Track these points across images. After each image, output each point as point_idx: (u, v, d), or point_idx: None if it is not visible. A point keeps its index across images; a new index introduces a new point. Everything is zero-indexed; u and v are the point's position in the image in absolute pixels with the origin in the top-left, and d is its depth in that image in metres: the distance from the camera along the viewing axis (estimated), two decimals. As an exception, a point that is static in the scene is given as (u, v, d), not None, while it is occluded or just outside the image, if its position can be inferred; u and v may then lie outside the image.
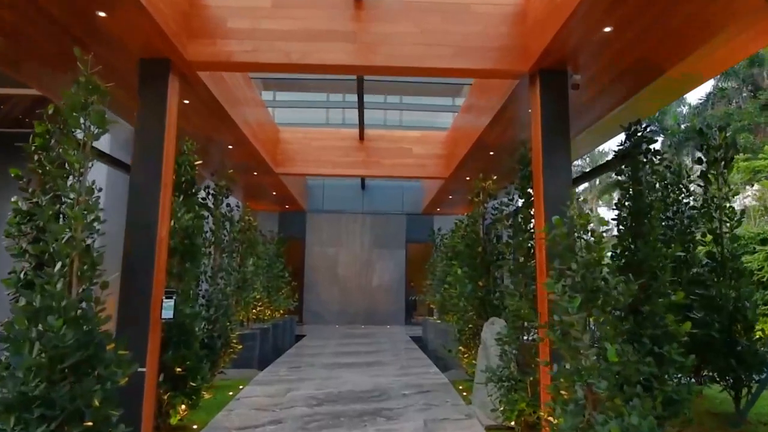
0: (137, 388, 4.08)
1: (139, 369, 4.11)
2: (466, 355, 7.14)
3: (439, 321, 11.64)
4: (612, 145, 53.04)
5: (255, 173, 9.40)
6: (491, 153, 7.71)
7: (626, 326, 3.61)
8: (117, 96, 5.44)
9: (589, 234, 3.61)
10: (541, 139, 4.49)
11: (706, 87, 28.42)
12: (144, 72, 4.59)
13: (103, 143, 8.87)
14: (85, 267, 3.32)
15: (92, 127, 3.46)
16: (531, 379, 4.46)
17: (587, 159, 32.03)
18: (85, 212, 3.35)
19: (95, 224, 3.43)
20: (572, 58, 4.50)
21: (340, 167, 9.57)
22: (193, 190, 5.22)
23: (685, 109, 28.20)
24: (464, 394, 6.63)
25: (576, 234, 3.63)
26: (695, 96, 43.48)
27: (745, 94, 25.37)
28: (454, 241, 8.92)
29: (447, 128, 10.05)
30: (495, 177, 7.21)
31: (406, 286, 17.60)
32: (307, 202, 15.18)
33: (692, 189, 6.35)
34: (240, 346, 7.19)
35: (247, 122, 7.33)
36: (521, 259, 4.93)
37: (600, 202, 37.67)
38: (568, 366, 3.40)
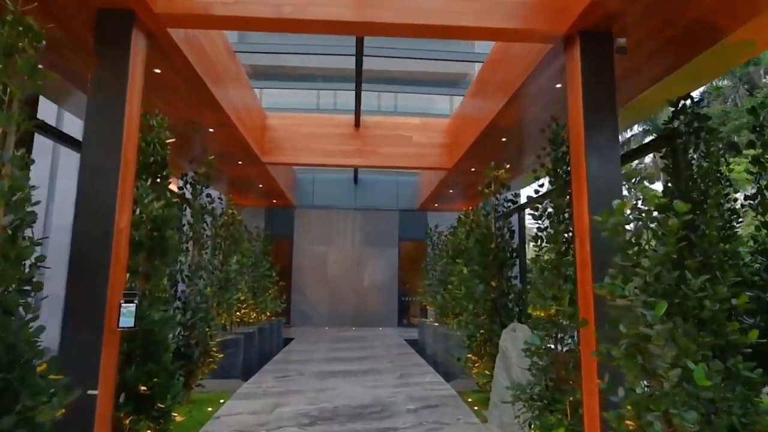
0: (86, 414, 3.25)
1: (89, 392, 3.29)
2: (476, 365, 6.39)
3: (437, 324, 10.91)
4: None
5: (240, 162, 8.54)
6: (503, 139, 6.97)
7: (707, 339, 2.88)
8: (73, 64, 4.60)
9: (656, 223, 2.88)
10: (582, 113, 3.75)
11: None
12: (101, 25, 3.75)
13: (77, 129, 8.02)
14: (7, 262, 2.50)
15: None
16: (571, 398, 3.72)
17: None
18: (10, 189, 2.54)
19: (26, 206, 2.61)
20: (619, 17, 3.77)
21: (333, 156, 8.75)
22: (164, 174, 4.38)
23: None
24: (475, 408, 5.89)
25: (639, 223, 2.90)
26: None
27: (741, 93, 25.09)
28: (458, 237, 8.18)
29: (446, 115, 9.30)
30: (508, 165, 6.46)
31: (398, 286, 16.87)
32: (295, 196, 14.32)
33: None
34: (221, 355, 6.36)
35: (232, 103, 6.50)
36: (553, 256, 4.18)
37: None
38: (637, 390, 2.67)
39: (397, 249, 16.90)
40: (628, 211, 2.94)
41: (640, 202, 2.98)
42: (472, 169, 8.59)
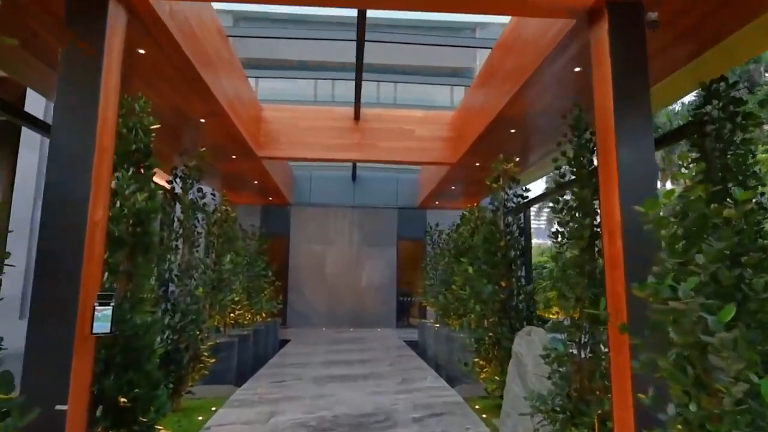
0: (55, 433, 2.86)
1: (58, 407, 2.90)
2: (485, 370, 6.02)
3: (437, 325, 10.54)
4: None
5: (234, 156, 8.13)
6: (512, 131, 6.59)
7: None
8: (43, 37, 4.20)
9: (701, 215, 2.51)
10: (611, 94, 3.37)
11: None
12: (74, -5, 3.35)
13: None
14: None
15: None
16: (600, 411, 3.34)
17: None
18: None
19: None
20: (651, -14, 3.41)
21: (332, 150, 8.34)
22: (148, 163, 3.98)
23: (677, 107, 27.62)
24: (484, 416, 5.52)
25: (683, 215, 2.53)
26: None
27: (741, 90, 24.81)
28: (463, 235, 7.80)
29: (448, 107, 8.89)
30: (517, 159, 6.09)
31: (397, 286, 16.51)
32: (292, 194, 13.91)
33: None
34: (212, 360, 5.96)
35: (224, 91, 6.10)
36: (576, 253, 3.81)
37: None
38: (691, 407, 2.30)
39: (395, 248, 16.54)
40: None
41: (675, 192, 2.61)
42: (477, 164, 8.21)
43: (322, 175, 14.28)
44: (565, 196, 4.03)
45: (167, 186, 5.90)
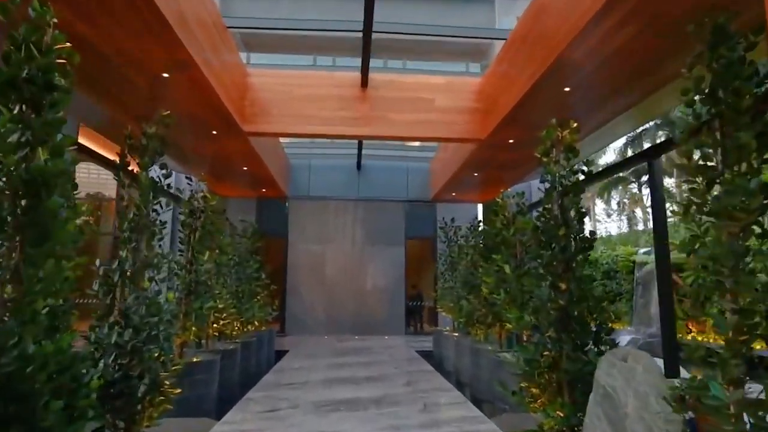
0: None
1: None
2: (539, 400, 4.58)
3: (456, 335, 9.11)
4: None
5: (214, 132, 6.71)
6: (566, 89, 5.16)
7: None
8: None
9: None
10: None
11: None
12: None
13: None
14: None
15: None
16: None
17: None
18: None
19: None
20: None
21: (334, 124, 6.91)
22: (51, 100, 2.56)
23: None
24: (543, 465, 4.08)
25: None
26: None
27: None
28: (495, 227, 6.37)
29: (461, 73, 7.43)
30: (575, 124, 4.65)
31: (405, 289, 15.11)
32: (289, 185, 12.45)
33: None
34: (177, 390, 4.52)
35: (197, 39, 4.69)
36: (722, 238, 2.37)
37: (597, 200, 35.11)
38: None
39: (403, 248, 15.13)
40: None
41: None
42: (510, 141, 6.80)
43: (322, 164, 12.77)
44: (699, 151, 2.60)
45: (118, 159, 4.47)
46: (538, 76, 4.95)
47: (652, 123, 23.61)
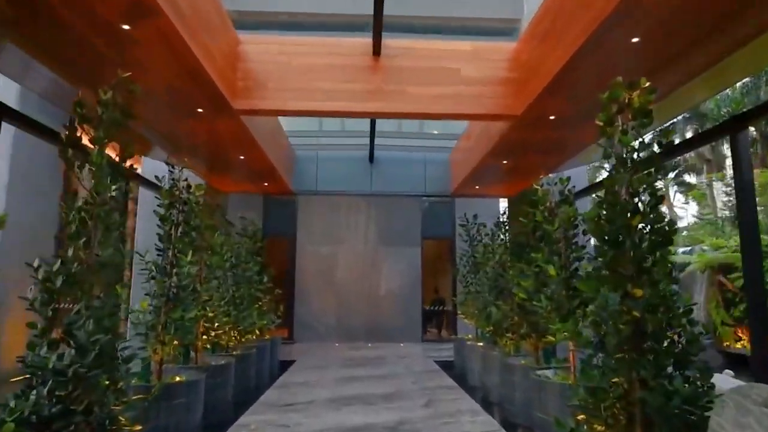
0: None
1: None
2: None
3: (480, 344, 8.06)
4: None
5: (200, 110, 5.76)
6: (634, 39, 4.11)
7: None
8: None
9: None
10: None
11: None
12: None
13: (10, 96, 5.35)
14: None
15: None
16: None
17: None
18: None
19: None
20: None
21: (342, 99, 5.91)
22: None
23: (729, 92, 24.72)
24: None
25: None
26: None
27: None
28: (536, 219, 5.31)
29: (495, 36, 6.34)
30: (648, 83, 3.59)
31: (422, 293, 14.08)
32: (294, 180, 11.43)
33: None
34: (137, 428, 3.55)
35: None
36: None
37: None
38: None
39: (419, 248, 14.11)
40: None
41: None
42: (551, 117, 5.76)
43: (331, 156, 11.69)
44: None
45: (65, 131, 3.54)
46: (596, 25, 3.89)
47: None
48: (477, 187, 10.39)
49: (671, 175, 29.61)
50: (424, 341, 13.80)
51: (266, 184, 10.28)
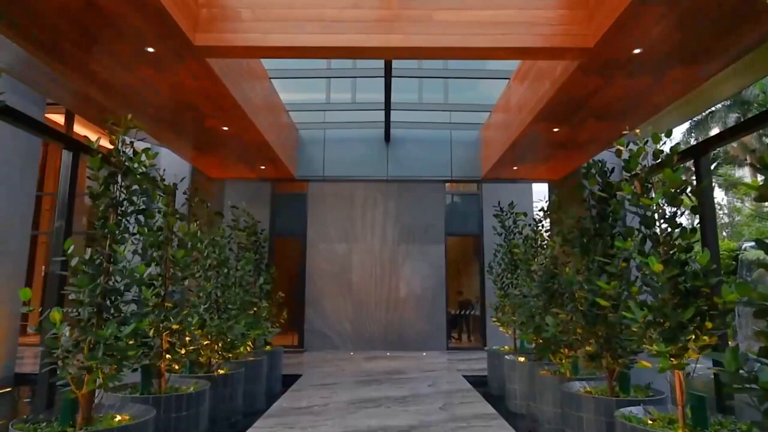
0: None
1: None
2: None
3: (522, 359, 6.49)
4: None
5: (149, 49, 4.27)
6: None
7: None
8: None
9: None
10: None
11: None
12: None
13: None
14: None
15: None
16: None
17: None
18: None
19: None
20: None
21: (343, 31, 4.35)
22: None
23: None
24: None
25: None
26: None
27: None
28: (628, 188, 3.71)
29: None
30: None
31: (446, 295, 12.55)
32: (296, 164, 9.94)
33: None
34: None
35: None
36: None
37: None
38: None
39: (443, 245, 12.58)
40: None
41: None
42: (636, 51, 4.17)
43: (340, 136, 10.13)
44: None
45: None
46: None
47: None
48: (515, 168, 8.74)
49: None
50: (449, 349, 12.25)
51: (263, 167, 8.81)
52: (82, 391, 3.40)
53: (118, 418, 3.67)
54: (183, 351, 4.96)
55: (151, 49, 4.27)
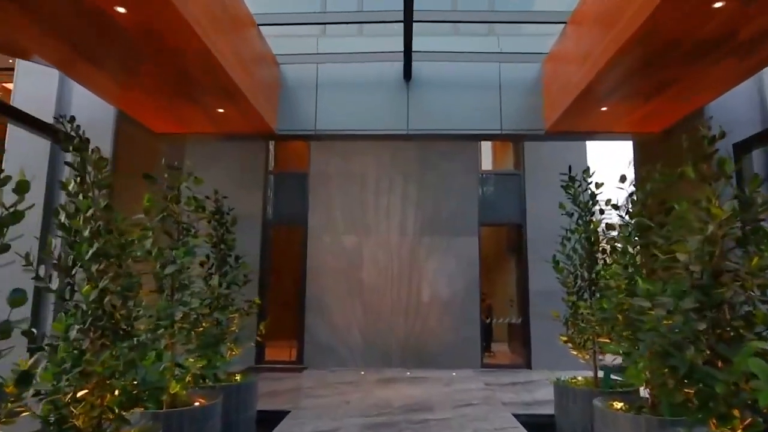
0: None
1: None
2: None
3: (620, 406, 3.97)
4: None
5: None
6: None
7: None
8: None
9: None
10: None
11: None
12: None
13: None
14: None
15: None
16: None
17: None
18: None
19: None
20: None
21: None
22: None
23: None
24: None
25: None
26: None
27: None
28: None
29: None
30: None
31: (480, 300, 10.11)
32: (275, 111, 7.07)
33: None
34: None
35: None
36: None
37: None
38: None
39: (477, 237, 10.12)
40: None
41: None
42: None
43: (340, 72, 7.14)
44: None
45: None
46: None
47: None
48: (603, 108, 5.96)
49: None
50: (483, 367, 9.76)
51: (222, 110, 6.10)
52: None
53: None
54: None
55: None
